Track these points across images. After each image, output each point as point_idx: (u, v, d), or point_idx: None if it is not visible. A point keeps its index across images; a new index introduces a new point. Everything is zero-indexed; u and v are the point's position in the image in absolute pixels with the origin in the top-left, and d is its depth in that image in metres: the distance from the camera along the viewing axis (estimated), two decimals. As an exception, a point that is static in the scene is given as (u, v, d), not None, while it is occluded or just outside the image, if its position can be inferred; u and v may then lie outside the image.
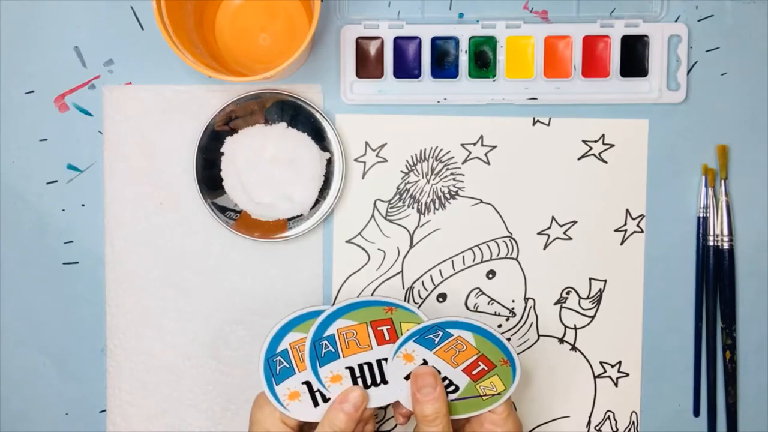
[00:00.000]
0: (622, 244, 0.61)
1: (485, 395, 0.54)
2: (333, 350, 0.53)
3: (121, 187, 0.61)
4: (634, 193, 0.61)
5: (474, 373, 0.53)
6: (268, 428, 0.52)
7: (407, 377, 0.53)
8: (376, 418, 0.61)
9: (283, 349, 0.52)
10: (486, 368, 0.53)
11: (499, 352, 0.53)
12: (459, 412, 0.54)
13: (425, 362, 0.53)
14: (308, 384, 0.53)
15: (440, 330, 0.52)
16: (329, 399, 0.53)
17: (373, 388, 0.53)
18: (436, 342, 0.53)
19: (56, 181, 0.61)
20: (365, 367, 0.53)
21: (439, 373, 0.53)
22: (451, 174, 0.61)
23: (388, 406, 0.61)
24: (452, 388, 0.54)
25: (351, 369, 0.53)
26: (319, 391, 0.53)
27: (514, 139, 0.61)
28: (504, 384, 0.53)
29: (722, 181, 0.60)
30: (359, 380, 0.53)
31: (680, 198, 0.61)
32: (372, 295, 0.60)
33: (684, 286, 0.61)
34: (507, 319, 0.61)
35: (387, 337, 0.53)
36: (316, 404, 0.53)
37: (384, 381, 0.53)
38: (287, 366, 0.52)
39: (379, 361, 0.53)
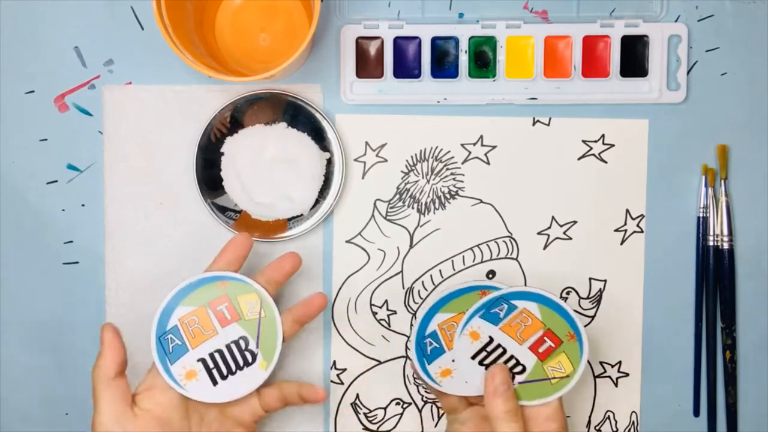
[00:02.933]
0: (622, 244, 0.61)
1: (554, 378, 0.53)
2: (180, 343, 0.52)
3: (121, 187, 0.61)
4: (634, 193, 0.61)
5: (541, 350, 0.53)
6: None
7: (474, 356, 0.53)
8: (375, 418, 0.62)
9: (434, 330, 0.53)
10: (553, 345, 0.53)
11: (566, 324, 0.52)
12: (529, 397, 0.53)
13: (491, 339, 0.53)
14: (203, 360, 0.52)
15: (505, 303, 0.52)
16: (227, 377, 0.53)
17: (230, 377, 0.53)
18: (501, 316, 0.52)
19: (56, 181, 0.61)
20: (217, 356, 0.53)
21: (505, 351, 0.53)
22: (451, 174, 0.61)
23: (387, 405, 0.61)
24: (519, 368, 0.53)
25: (203, 360, 0.52)
26: (216, 368, 0.52)
27: (514, 139, 0.61)
28: (572, 364, 0.53)
29: (722, 181, 0.60)
30: (214, 371, 0.53)
31: (680, 198, 0.61)
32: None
33: (684, 286, 0.61)
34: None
35: (228, 317, 0.53)
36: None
37: (239, 368, 0.53)
38: (437, 346, 0.53)
39: (229, 346, 0.53)
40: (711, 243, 0.60)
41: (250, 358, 0.53)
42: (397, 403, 0.62)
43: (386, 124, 0.61)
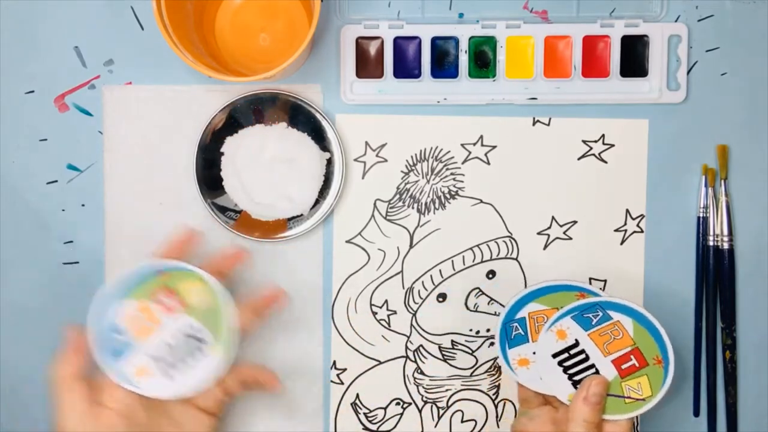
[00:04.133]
0: (622, 244, 0.61)
1: (629, 398, 0.52)
2: (126, 340, 0.51)
3: (121, 187, 0.61)
4: (634, 193, 0.61)
5: (623, 367, 0.52)
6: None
7: (556, 355, 0.52)
8: (375, 418, 0.62)
9: (522, 317, 0.53)
10: (637, 364, 0.51)
11: (656, 348, 0.51)
12: None
13: (577, 342, 0.52)
14: (153, 355, 0.51)
15: (600, 310, 0.51)
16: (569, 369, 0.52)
17: (184, 369, 0.52)
18: (593, 323, 0.51)
19: (56, 181, 0.61)
20: (166, 348, 0.51)
21: (588, 358, 0.52)
22: (451, 174, 0.61)
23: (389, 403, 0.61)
24: None
25: (154, 358, 0.52)
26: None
27: (514, 139, 0.61)
28: (652, 389, 0.52)
29: (722, 181, 0.60)
30: (166, 365, 0.51)
31: (680, 198, 0.61)
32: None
33: (684, 286, 0.61)
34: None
35: (173, 306, 0.51)
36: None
37: (193, 358, 0.52)
38: (522, 333, 0.52)
39: (177, 337, 0.51)
40: (711, 243, 0.60)
41: (202, 347, 0.52)
42: (397, 403, 0.62)
43: (386, 124, 0.61)
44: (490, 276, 0.61)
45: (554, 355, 0.53)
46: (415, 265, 0.61)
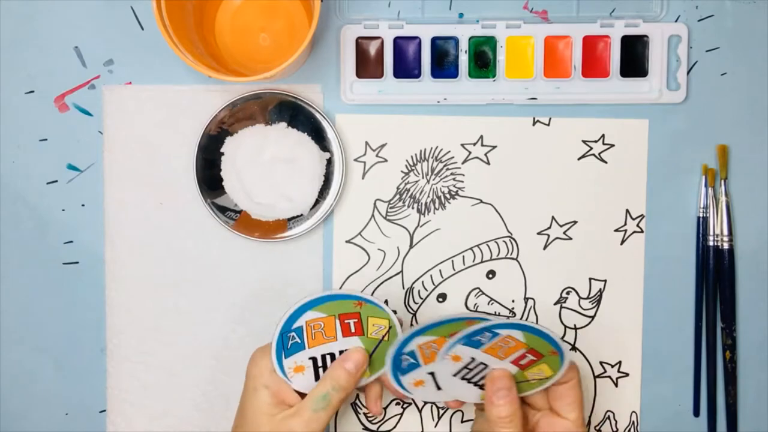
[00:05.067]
0: (622, 244, 0.61)
1: (533, 380, 0.53)
2: (299, 341, 0.53)
3: (121, 187, 0.61)
4: (634, 193, 0.61)
5: (522, 363, 0.53)
6: (264, 382, 0.53)
7: (455, 375, 0.53)
8: (375, 418, 0.62)
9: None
10: (535, 358, 0.52)
11: (548, 345, 0.52)
12: None
13: (473, 360, 0.52)
14: (314, 360, 0.54)
15: (488, 332, 0.51)
16: None
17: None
18: (483, 342, 0.52)
19: (56, 181, 0.61)
20: (328, 358, 0.54)
21: (487, 366, 0.53)
22: (451, 174, 0.61)
23: (388, 405, 0.61)
24: None
25: (314, 359, 0.54)
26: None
27: (514, 139, 0.61)
28: (552, 370, 0.53)
29: (722, 181, 0.60)
30: (320, 370, 0.54)
31: (680, 198, 0.61)
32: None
33: (684, 286, 0.61)
34: (507, 319, 0.61)
35: (353, 330, 0.54)
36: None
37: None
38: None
39: (342, 352, 0.54)
40: (711, 243, 0.60)
41: None
42: (397, 403, 0.62)
43: (386, 124, 0.61)
44: (490, 276, 0.61)
45: (455, 375, 0.53)
46: (415, 265, 0.61)
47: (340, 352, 0.54)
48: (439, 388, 0.54)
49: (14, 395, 0.62)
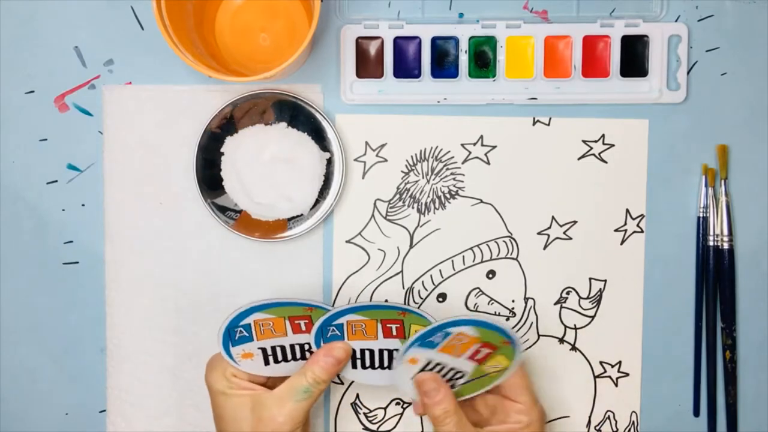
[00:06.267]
0: (622, 244, 0.61)
1: (492, 373, 0.55)
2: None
3: (121, 187, 0.61)
4: (634, 193, 0.61)
5: (478, 357, 0.54)
6: (221, 388, 0.54)
7: (414, 377, 0.55)
8: (375, 418, 0.62)
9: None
10: (489, 351, 0.54)
11: (499, 336, 0.53)
12: (467, 393, 0.56)
13: (429, 362, 0.54)
14: (263, 349, 0.55)
15: (440, 331, 0.53)
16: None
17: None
18: (437, 342, 0.53)
19: (56, 181, 0.61)
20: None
21: (444, 366, 0.54)
22: (451, 174, 0.61)
23: (387, 405, 0.61)
24: (459, 375, 0.55)
25: (263, 349, 0.55)
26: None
27: (514, 139, 0.61)
28: (508, 359, 0.54)
29: (722, 181, 0.60)
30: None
31: (680, 198, 0.61)
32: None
33: (684, 286, 0.61)
34: (507, 319, 0.61)
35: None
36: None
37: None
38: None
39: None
40: (711, 243, 0.60)
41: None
42: (397, 403, 0.62)
43: (386, 124, 0.61)
44: (490, 276, 0.61)
45: (413, 378, 0.55)
46: (415, 265, 0.61)
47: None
48: (365, 367, 0.56)
49: (14, 395, 0.62)
